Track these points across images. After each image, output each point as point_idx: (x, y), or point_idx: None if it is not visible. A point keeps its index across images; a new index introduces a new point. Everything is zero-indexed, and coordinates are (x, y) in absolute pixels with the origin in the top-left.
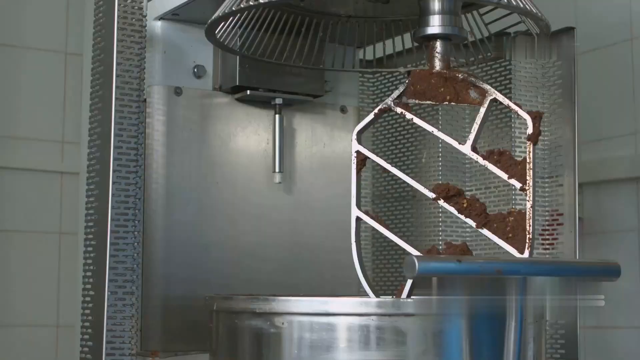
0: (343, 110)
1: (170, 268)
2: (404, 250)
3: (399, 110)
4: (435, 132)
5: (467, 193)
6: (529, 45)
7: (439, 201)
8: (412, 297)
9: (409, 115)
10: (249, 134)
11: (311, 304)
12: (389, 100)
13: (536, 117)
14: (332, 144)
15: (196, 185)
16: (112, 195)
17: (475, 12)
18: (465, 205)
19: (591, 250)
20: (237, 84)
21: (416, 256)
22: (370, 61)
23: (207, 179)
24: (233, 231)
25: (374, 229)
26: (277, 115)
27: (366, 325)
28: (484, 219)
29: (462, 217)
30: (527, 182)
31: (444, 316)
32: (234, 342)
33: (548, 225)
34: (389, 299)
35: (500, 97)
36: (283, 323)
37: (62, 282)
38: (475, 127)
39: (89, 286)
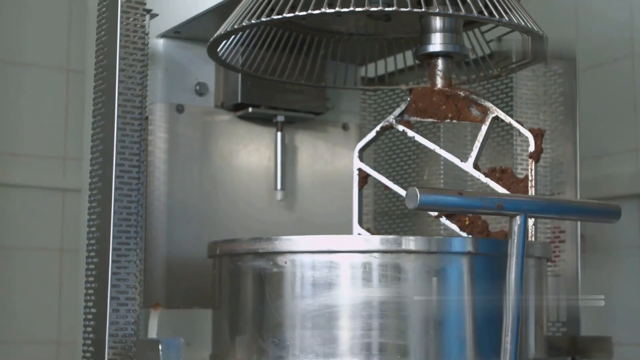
0: (345, 127)
1: (173, 285)
2: None
3: (400, 127)
4: (437, 149)
5: None
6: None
7: (440, 218)
8: None
9: (410, 133)
10: (251, 152)
11: (313, 242)
12: (391, 118)
13: (538, 135)
14: (334, 161)
15: (198, 203)
16: (114, 212)
17: (476, 30)
18: (467, 222)
19: (593, 268)
20: (239, 101)
21: (418, 187)
22: (372, 79)
23: (209, 197)
24: None
25: None
26: (278, 133)
27: (368, 262)
28: (485, 237)
29: (464, 234)
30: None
31: (446, 254)
32: (237, 285)
33: (550, 242)
34: (390, 236)
35: (502, 115)
36: (286, 262)
37: (63, 299)
38: (477, 144)
39: (90, 303)
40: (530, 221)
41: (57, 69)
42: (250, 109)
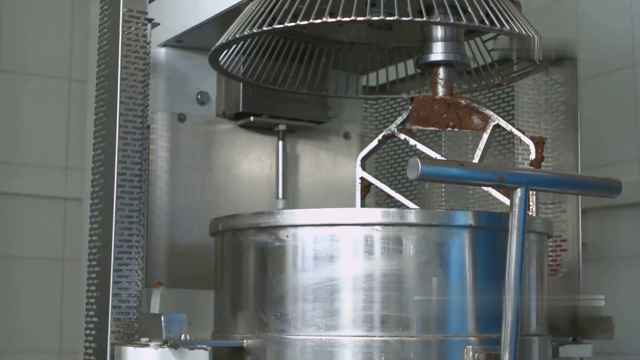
0: (346, 136)
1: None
2: None
3: (402, 136)
4: (439, 158)
5: None
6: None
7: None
8: None
9: (412, 141)
10: (252, 160)
11: (315, 215)
12: (393, 127)
13: (539, 143)
14: (336, 170)
15: (200, 211)
16: (116, 221)
17: (478, 39)
18: None
19: (595, 276)
20: (241, 110)
21: (420, 158)
22: (374, 88)
23: (211, 205)
24: None
25: None
26: (280, 142)
27: (370, 235)
28: None
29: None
30: (531, 208)
31: (448, 227)
32: (239, 260)
33: (551, 251)
34: (392, 209)
35: (503, 123)
36: (287, 236)
37: (64, 308)
38: (479, 152)
39: (92, 313)
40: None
41: (59, 78)
42: (251, 118)
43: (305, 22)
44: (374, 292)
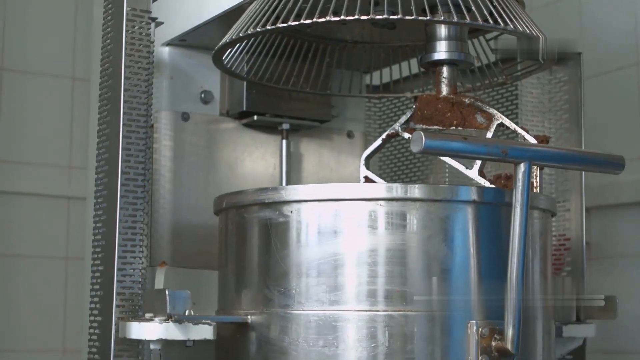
0: (350, 135)
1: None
2: None
3: (406, 135)
4: (442, 156)
5: None
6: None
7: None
8: None
9: None
10: (256, 159)
11: (319, 191)
12: (397, 126)
13: (543, 141)
14: (339, 169)
15: (203, 210)
16: (119, 220)
17: (481, 38)
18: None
19: (598, 275)
20: (244, 109)
21: (423, 131)
22: (377, 86)
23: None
24: None
25: None
26: (284, 141)
27: (373, 210)
28: None
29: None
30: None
31: (451, 202)
32: (243, 236)
33: (555, 250)
34: (396, 184)
35: (507, 122)
36: (291, 211)
37: (68, 307)
38: None
39: (95, 312)
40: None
41: (63, 77)
42: (255, 117)
43: (309, 21)
44: (377, 266)
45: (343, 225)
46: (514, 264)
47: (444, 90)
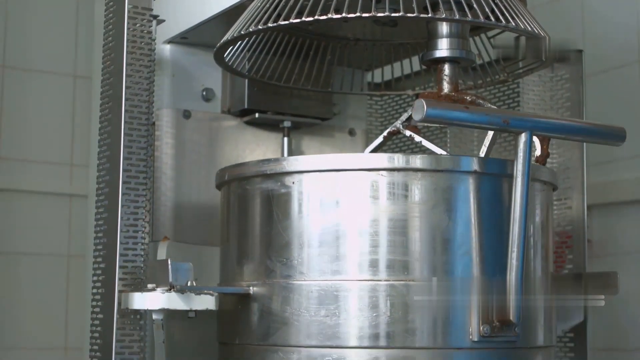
0: (351, 133)
1: None
2: None
3: (408, 132)
4: (444, 154)
5: None
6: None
7: None
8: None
9: (417, 138)
10: (258, 157)
11: (321, 161)
12: (398, 123)
13: (544, 139)
14: None
15: (205, 208)
16: (121, 218)
17: (483, 35)
18: None
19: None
20: (246, 107)
21: (425, 100)
22: (379, 84)
23: (216, 202)
24: None
25: None
26: (285, 138)
27: (375, 180)
28: None
29: None
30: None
31: (453, 172)
32: (245, 209)
33: (557, 247)
34: (398, 154)
35: None
36: (293, 182)
37: (70, 304)
38: (484, 149)
39: (97, 309)
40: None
41: (64, 75)
42: (256, 115)
43: (311, 19)
44: (379, 236)
45: (345, 195)
46: (515, 234)
47: (446, 87)
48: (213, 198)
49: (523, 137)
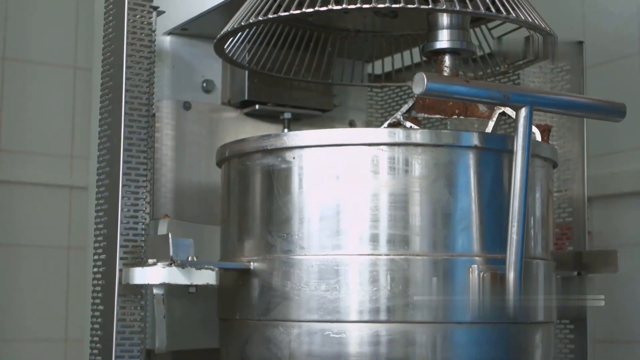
0: (352, 124)
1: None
2: None
3: (408, 124)
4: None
5: None
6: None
7: None
8: None
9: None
10: None
11: (321, 136)
12: (399, 115)
13: (545, 131)
14: None
15: (205, 200)
16: (121, 209)
17: (483, 27)
18: None
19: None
20: (246, 98)
21: (426, 73)
22: (379, 75)
23: (216, 193)
24: None
25: None
26: (285, 130)
27: (376, 155)
28: None
29: None
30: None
31: (453, 147)
32: (246, 185)
33: (557, 239)
34: (399, 129)
35: (509, 111)
36: (294, 157)
37: (70, 296)
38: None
39: (97, 301)
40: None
41: (64, 66)
42: (257, 106)
43: (311, 10)
44: (379, 211)
45: (345, 170)
46: (516, 209)
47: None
48: (213, 191)
49: (523, 112)
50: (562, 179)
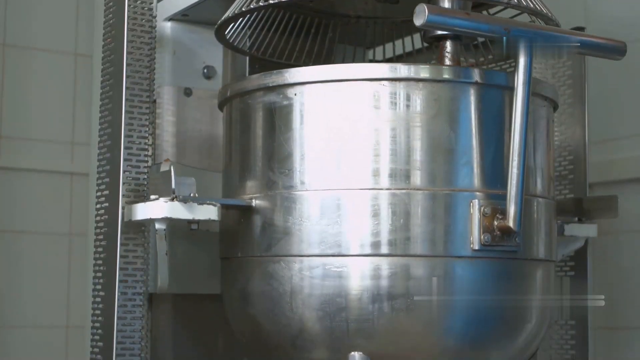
0: None
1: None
2: None
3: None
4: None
5: None
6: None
7: None
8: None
9: None
10: None
11: (323, 72)
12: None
13: None
14: None
15: (206, 186)
16: (122, 196)
17: (485, 12)
18: None
19: (601, 251)
20: None
21: (427, 5)
22: (380, 62)
23: (217, 179)
24: None
25: None
26: None
27: (377, 90)
28: None
29: None
30: None
31: (455, 82)
32: (247, 123)
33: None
34: (399, 64)
35: None
36: (295, 94)
37: (72, 283)
38: None
39: (99, 287)
40: None
41: (65, 53)
42: None
43: None
44: (380, 146)
45: (346, 105)
46: (516, 143)
47: (448, 64)
48: (214, 177)
49: (524, 46)
50: (564, 165)
